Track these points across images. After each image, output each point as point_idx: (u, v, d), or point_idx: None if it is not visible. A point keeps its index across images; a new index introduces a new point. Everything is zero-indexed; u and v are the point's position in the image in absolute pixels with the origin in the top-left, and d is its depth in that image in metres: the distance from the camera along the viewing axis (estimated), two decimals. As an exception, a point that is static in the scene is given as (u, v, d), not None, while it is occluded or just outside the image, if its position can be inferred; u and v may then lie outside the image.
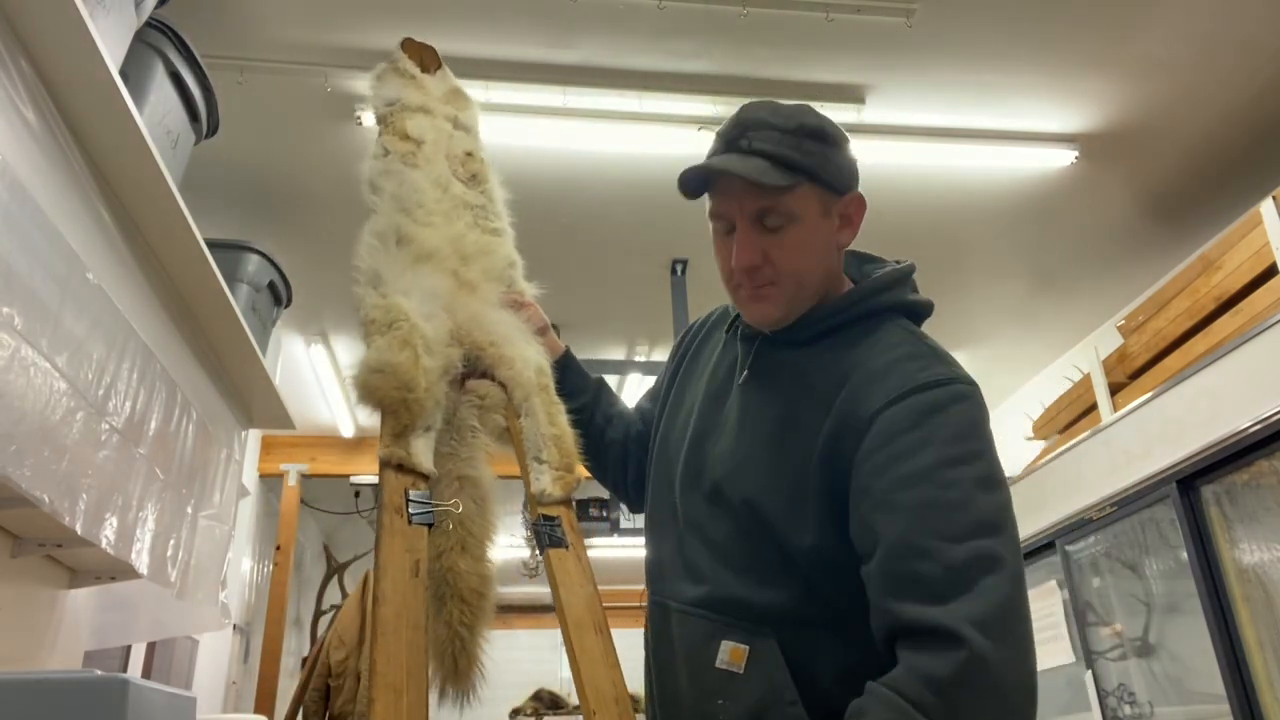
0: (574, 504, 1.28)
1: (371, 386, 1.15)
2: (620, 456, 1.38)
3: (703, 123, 2.82)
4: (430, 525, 1.12)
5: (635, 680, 1.18)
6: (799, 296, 1.09)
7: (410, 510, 1.10)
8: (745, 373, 1.13)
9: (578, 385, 1.40)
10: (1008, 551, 0.91)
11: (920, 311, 1.15)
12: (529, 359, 1.32)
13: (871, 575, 0.94)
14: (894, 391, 0.99)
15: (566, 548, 1.19)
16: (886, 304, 1.11)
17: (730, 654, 1.02)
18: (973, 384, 1.02)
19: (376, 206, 1.38)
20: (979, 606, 0.86)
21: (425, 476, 1.15)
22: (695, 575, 1.09)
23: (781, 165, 1.04)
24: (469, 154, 1.55)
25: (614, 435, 1.38)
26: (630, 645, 1.21)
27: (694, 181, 1.10)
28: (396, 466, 1.13)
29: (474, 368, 1.29)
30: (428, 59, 1.68)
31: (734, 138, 1.08)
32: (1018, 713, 0.86)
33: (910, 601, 0.89)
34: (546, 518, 1.21)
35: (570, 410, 1.34)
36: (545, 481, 1.24)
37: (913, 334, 1.09)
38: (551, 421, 1.28)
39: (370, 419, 1.16)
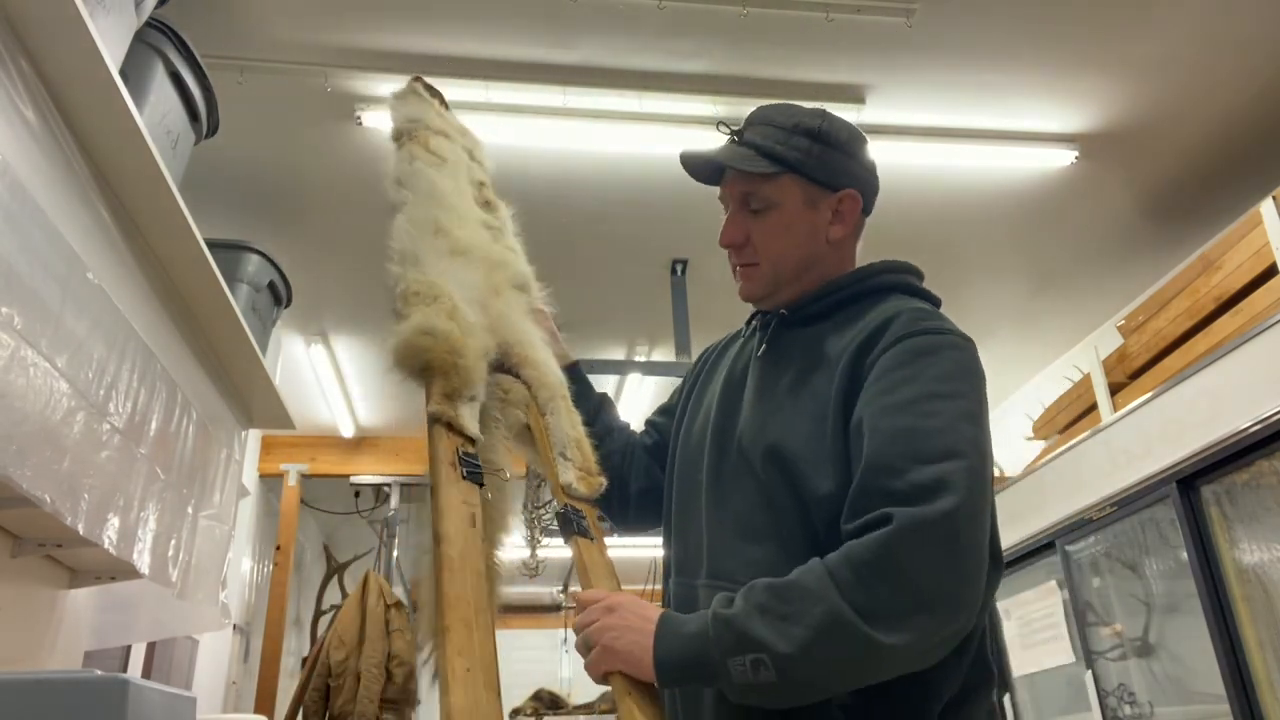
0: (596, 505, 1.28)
1: (421, 347, 1.14)
2: (616, 468, 1.38)
3: (703, 122, 2.82)
4: (481, 485, 1.12)
5: None
6: (778, 279, 1.19)
7: (463, 468, 1.10)
8: (763, 347, 1.19)
9: (582, 393, 1.41)
10: (974, 480, 0.93)
11: (928, 298, 1.19)
12: (553, 365, 1.33)
13: (849, 495, 0.98)
14: (891, 338, 1.05)
15: (591, 539, 1.18)
16: (890, 283, 1.17)
17: None
18: (969, 340, 1.07)
19: (407, 200, 1.38)
20: (920, 515, 0.90)
21: (472, 440, 1.15)
22: (721, 552, 1.11)
23: (765, 156, 1.16)
24: (482, 184, 1.56)
25: (612, 447, 1.39)
26: None
27: (696, 165, 1.24)
28: (446, 425, 1.12)
29: (500, 362, 1.30)
30: (437, 100, 1.70)
31: (736, 131, 1.22)
32: (924, 604, 0.89)
33: (872, 512, 0.93)
34: (574, 509, 1.21)
35: None
36: (571, 476, 1.25)
37: (916, 303, 1.13)
38: (574, 425, 1.29)
39: (371, 418, 1.15)
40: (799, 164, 1.16)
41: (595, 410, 1.41)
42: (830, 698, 0.97)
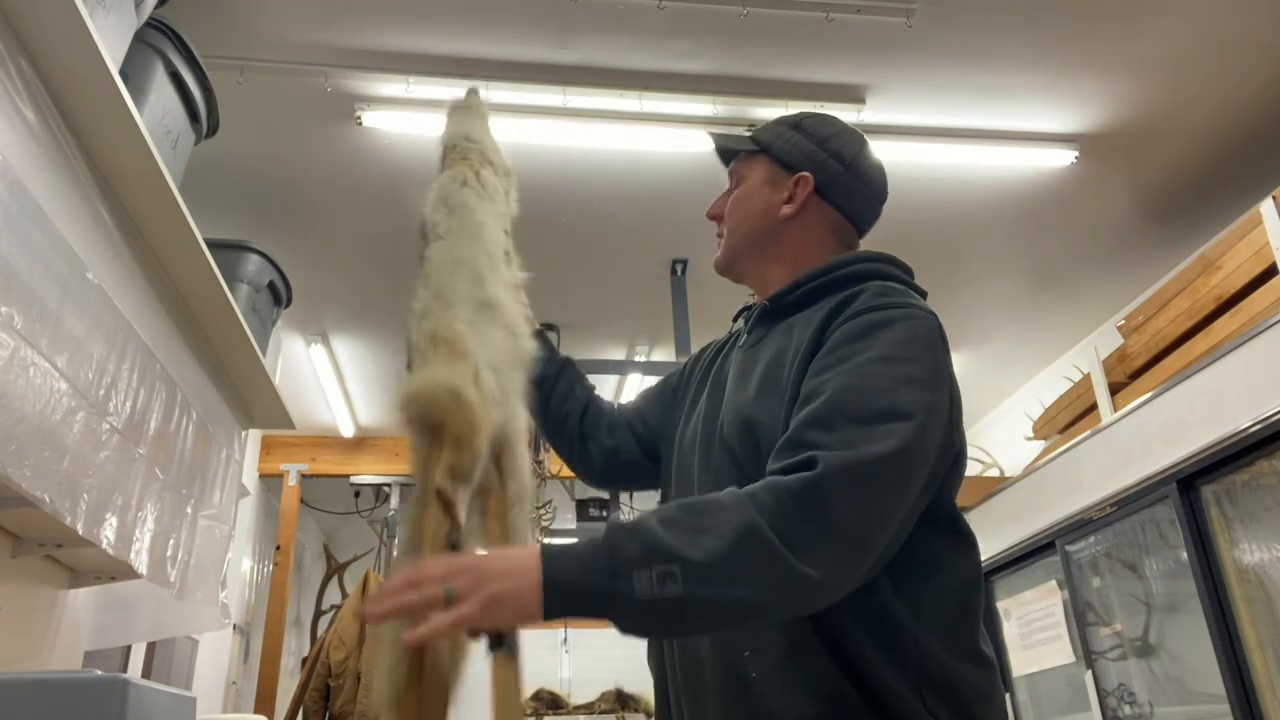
0: None
1: (442, 406, 1.04)
2: (575, 423, 1.41)
3: (703, 123, 2.82)
4: None
5: (636, 679, 1.15)
6: (735, 249, 1.28)
7: (450, 552, 1.07)
8: (746, 337, 1.24)
9: (548, 356, 1.42)
10: (908, 439, 0.94)
11: (908, 286, 1.19)
12: (527, 458, 1.24)
13: (779, 443, 0.98)
14: (851, 312, 1.07)
15: (514, 659, 0.97)
16: (866, 272, 1.17)
17: None
18: (931, 314, 1.08)
19: (450, 230, 1.28)
20: (848, 457, 0.91)
21: (459, 528, 1.11)
22: None
23: (752, 139, 1.29)
24: (507, 232, 1.49)
25: (572, 406, 1.42)
26: (625, 644, 1.17)
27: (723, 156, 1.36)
28: (444, 504, 1.06)
29: (496, 448, 1.21)
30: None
31: (716, 141, 1.35)
32: (840, 540, 0.89)
33: (795, 458, 0.93)
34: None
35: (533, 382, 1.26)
36: None
37: (887, 283, 1.14)
38: (529, 532, 1.22)
39: (371, 418, 1.12)
40: (768, 145, 1.26)
41: (559, 369, 1.43)
42: (843, 611, 0.95)
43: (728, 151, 1.33)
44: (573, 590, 0.84)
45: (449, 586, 0.85)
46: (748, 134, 1.31)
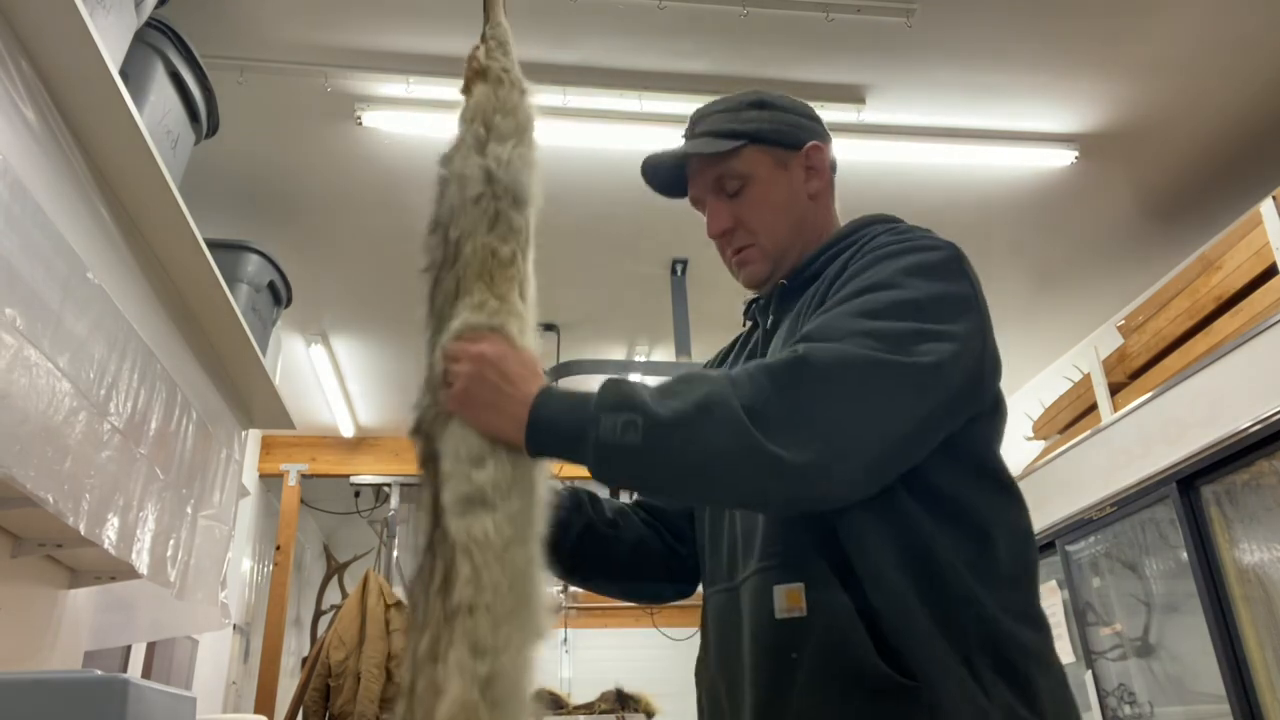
0: None
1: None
2: (655, 549, 1.23)
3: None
4: None
5: (636, 679, 1.14)
6: (779, 249, 1.16)
7: None
8: (770, 319, 1.17)
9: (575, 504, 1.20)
10: (904, 357, 0.89)
11: None
12: None
13: None
14: (865, 253, 1.04)
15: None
16: (879, 228, 1.14)
17: (787, 598, 0.96)
18: (950, 244, 1.04)
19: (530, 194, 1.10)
20: (839, 350, 0.88)
21: None
22: (749, 542, 1.04)
23: (721, 136, 1.16)
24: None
25: (629, 535, 1.22)
26: (625, 644, 1.15)
27: (660, 177, 1.25)
28: None
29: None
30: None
31: (685, 132, 1.22)
32: (813, 428, 0.85)
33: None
34: None
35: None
36: None
37: (904, 224, 1.11)
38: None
39: (371, 418, 1.11)
40: (757, 133, 1.17)
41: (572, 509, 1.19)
42: (894, 599, 0.90)
43: (674, 172, 1.21)
44: (550, 423, 0.90)
45: (454, 369, 0.93)
46: (701, 135, 1.18)
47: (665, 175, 1.24)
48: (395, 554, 4.97)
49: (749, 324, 1.26)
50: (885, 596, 0.91)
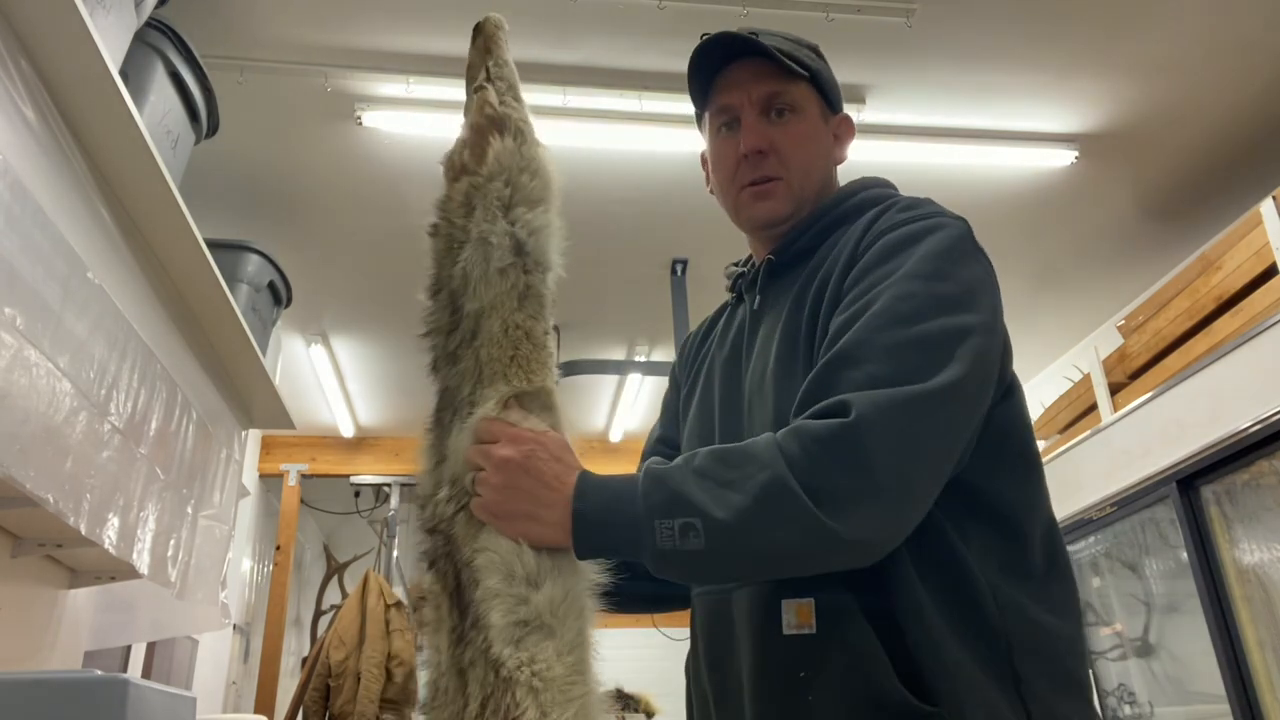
0: None
1: None
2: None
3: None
4: None
5: (636, 679, 1.10)
6: (803, 194, 1.08)
7: None
8: (758, 298, 1.09)
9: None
10: (956, 369, 0.84)
11: None
12: None
13: (803, 388, 0.89)
14: (875, 234, 0.97)
15: None
16: (874, 198, 1.07)
17: (796, 614, 0.90)
18: (960, 219, 0.98)
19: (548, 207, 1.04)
20: (884, 396, 0.81)
21: None
22: None
23: (791, 59, 1.07)
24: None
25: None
26: (626, 645, 1.11)
27: (704, 71, 1.13)
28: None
29: None
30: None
31: (743, 36, 1.10)
32: (877, 492, 0.80)
33: (825, 402, 0.84)
34: None
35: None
36: None
37: (913, 198, 1.04)
38: None
39: (371, 418, 1.10)
40: (817, 74, 1.09)
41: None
42: (909, 612, 0.85)
43: (707, 79, 1.12)
44: (599, 526, 0.83)
45: (481, 477, 0.86)
46: (781, 48, 1.09)
47: (728, 50, 1.12)
48: (395, 554, 4.97)
49: (734, 297, 1.19)
50: (904, 612, 0.86)
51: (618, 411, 5.04)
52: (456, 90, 2.46)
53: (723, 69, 1.12)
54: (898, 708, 0.83)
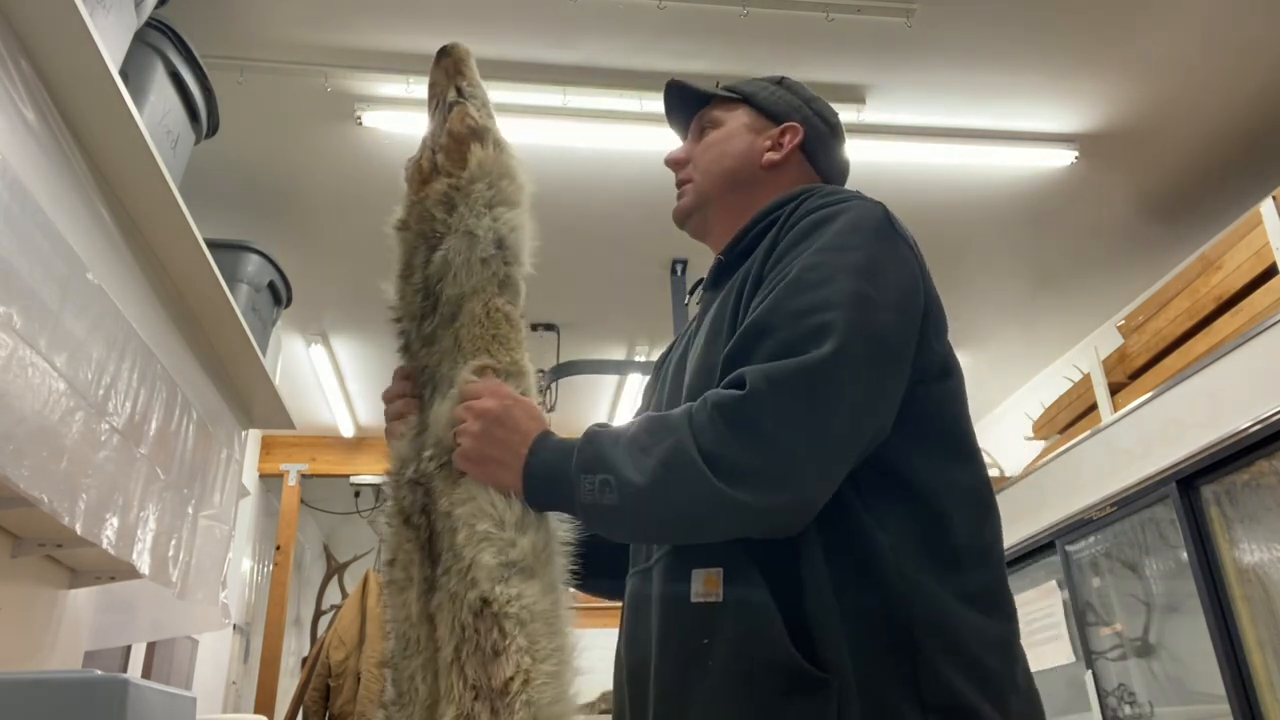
0: None
1: None
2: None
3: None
4: None
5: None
6: (707, 193, 1.21)
7: None
8: (705, 296, 1.19)
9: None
10: (843, 338, 0.86)
11: None
12: None
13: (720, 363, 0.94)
14: (793, 222, 1.02)
15: None
16: (805, 194, 1.10)
17: (704, 582, 0.93)
18: (878, 204, 1.02)
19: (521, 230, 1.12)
20: (776, 370, 0.85)
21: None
22: None
23: (726, 90, 1.25)
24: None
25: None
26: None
27: (669, 113, 1.31)
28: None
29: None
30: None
31: (673, 85, 1.30)
32: (769, 463, 0.83)
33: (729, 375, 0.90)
34: None
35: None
36: None
37: (833, 188, 1.10)
38: None
39: (371, 418, 1.12)
40: (752, 95, 1.23)
41: None
42: (816, 588, 0.86)
43: (689, 101, 1.27)
44: (542, 480, 0.92)
45: (462, 428, 0.95)
46: (718, 84, 1.26)
47: (676, 104, 1.30)
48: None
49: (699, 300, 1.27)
50: (806, 584, 0.88)
51: (617, 411, 5.05)
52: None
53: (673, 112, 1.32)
54: (792, 675, 0.84)
